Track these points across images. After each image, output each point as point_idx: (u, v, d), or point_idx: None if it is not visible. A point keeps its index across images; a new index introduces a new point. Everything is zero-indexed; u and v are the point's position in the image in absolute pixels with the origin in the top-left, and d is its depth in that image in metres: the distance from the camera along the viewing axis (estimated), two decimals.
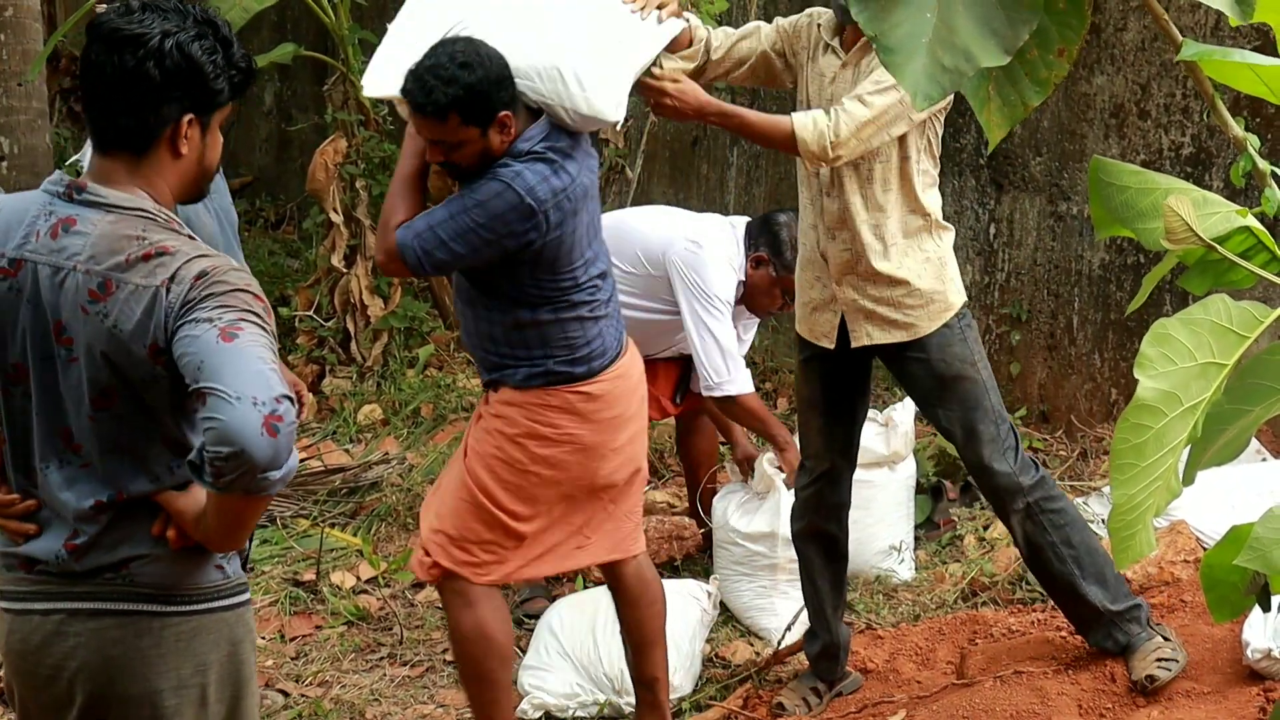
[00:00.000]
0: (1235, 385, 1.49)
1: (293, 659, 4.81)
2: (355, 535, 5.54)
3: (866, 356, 4.16)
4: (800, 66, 4.06)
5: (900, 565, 5.03)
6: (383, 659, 4.83)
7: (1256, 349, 1.51)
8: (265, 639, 4.85)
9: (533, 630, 4.71)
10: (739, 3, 6.69)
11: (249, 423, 2.21)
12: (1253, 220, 1.62)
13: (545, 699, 4.42)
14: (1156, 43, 5.50)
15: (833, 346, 4.08)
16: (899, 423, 4.97)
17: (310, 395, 6.05)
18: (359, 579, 5.26)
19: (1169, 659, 3.97)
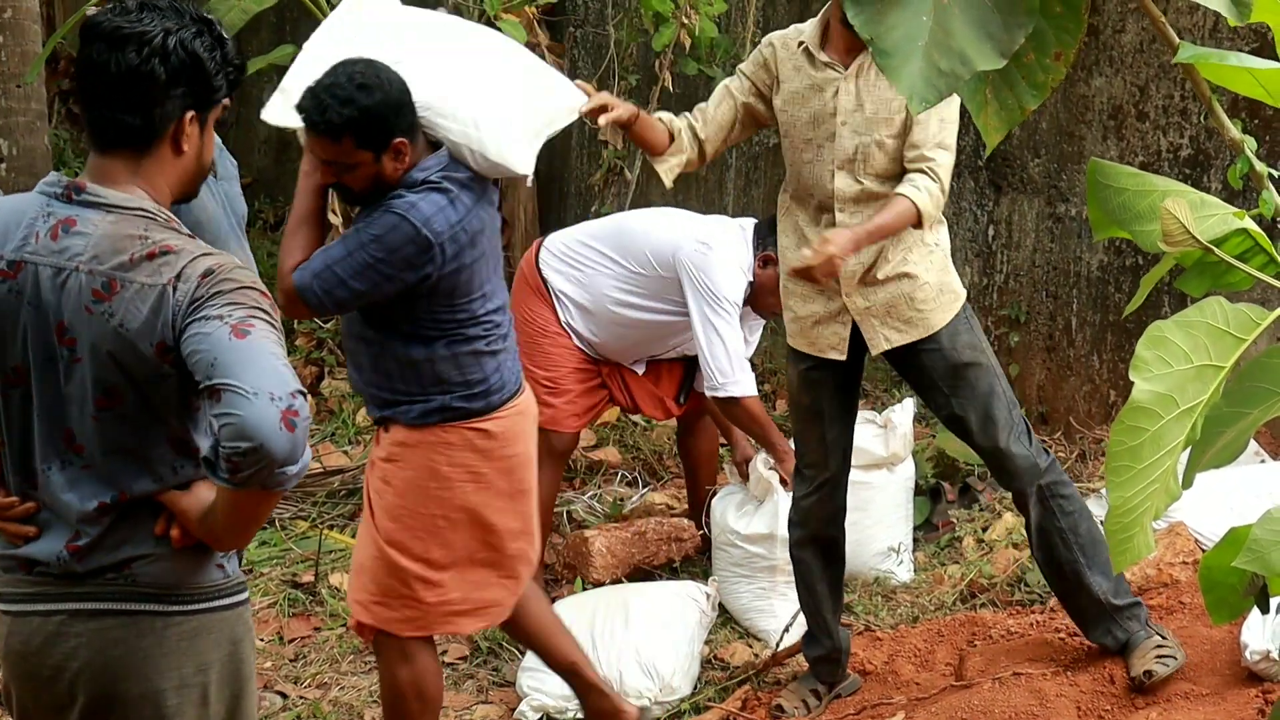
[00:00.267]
0: (1234, 388, 1.49)
1: (291, 661, 4.81)
2: (354, 537, 5.53)
3: (864, 360, 4.17)
4: (777, 92, 4.05)
5: (899, 567, 5.03)
6: None
7: (1255, 351, 1.51)
8: (264, 641, 4.84)
9: None
10: (737, 4, 6.69)
11: (267, 417, 2.22)
12: (1250, 222, 1.62)
13: (544, 700, 4.42)
14: (1154, 45, 5.50)
15: (844, 358, 4.09)
16: (897, 424, 4.97)
17: (310, 396, 6.05)
18: None
19: (1168, 655, 3.99)
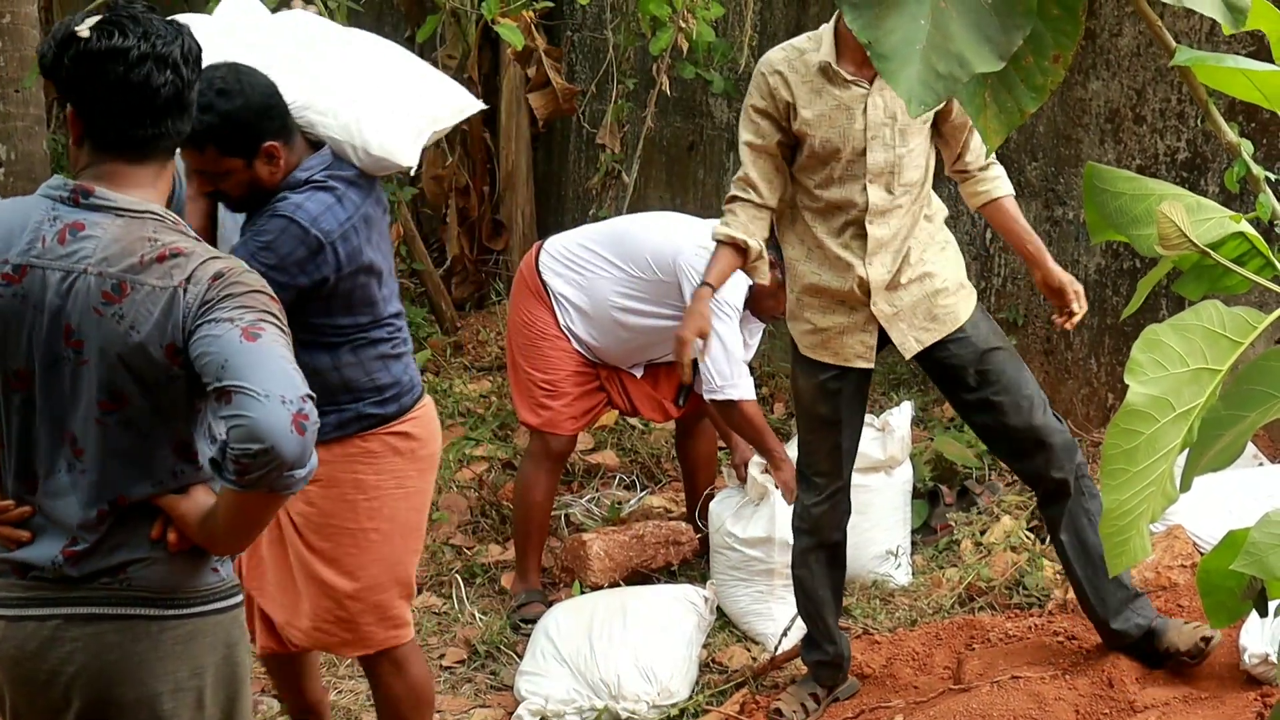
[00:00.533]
0: (1232, 391, 1.49)
1: None
2: None
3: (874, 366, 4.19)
4: (795, 117, 3.97)
5: (897, 570, 5.03)
6: None
7: (1252, 354, 1.51)
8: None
9: (529, 635, 4.70)
10: (734, 8, 6.69)
11: (279, 420, 2.23)
12: (1247, 226, 1.62)
13: (541, 704, 4.42)
14: (1151, 48, 5.50)
15: (872, 365, 4.11)
16: (895, 427, 4.97)
17: None
18: None
19: (1204, 628, 4.03)
